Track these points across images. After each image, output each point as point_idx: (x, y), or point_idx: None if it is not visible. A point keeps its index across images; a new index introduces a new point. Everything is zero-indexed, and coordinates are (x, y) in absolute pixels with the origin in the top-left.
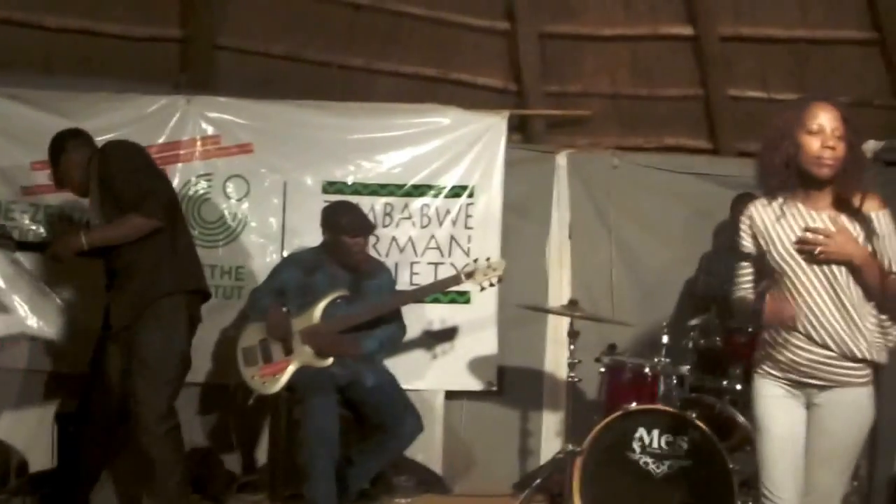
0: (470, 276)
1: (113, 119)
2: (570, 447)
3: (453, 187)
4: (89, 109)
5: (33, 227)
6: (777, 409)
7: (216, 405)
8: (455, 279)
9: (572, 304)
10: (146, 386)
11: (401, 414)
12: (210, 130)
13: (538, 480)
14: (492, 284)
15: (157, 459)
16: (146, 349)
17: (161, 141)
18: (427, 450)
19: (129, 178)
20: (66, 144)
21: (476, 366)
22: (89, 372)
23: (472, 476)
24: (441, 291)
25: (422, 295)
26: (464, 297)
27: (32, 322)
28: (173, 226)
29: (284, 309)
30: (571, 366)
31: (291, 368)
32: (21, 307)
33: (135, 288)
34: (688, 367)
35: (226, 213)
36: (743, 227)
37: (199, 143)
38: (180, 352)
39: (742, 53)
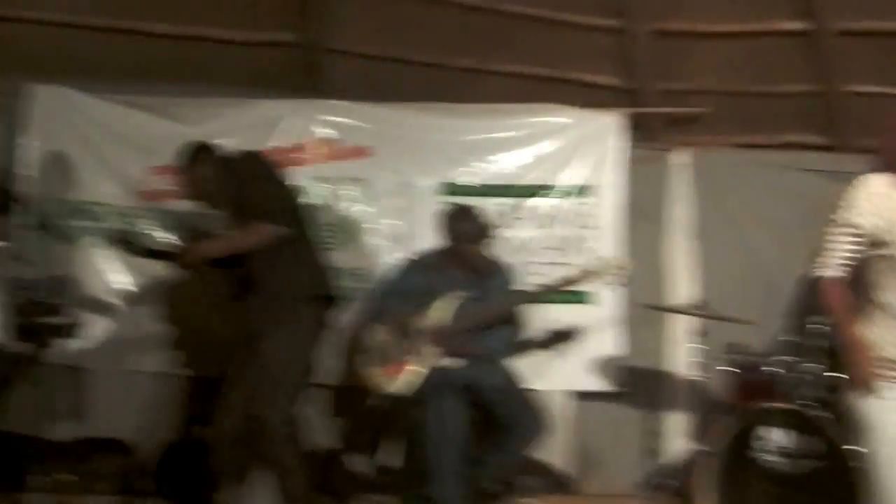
0: (596, 274)
1: (229, 124)
2: (698, 447)
3: (569, 187)
4: (205, 114)
5: (151, 232)
6: (890, 411)
7: (342, 406)
8: (580, 277)
9: (700, 303)
10: (270, 390)
11: (523, 414)
12: (327, 134)
13: (663, 480)
14: (618, 283)
15: (278, 462)
16: (272, 354)
17: (278, 145)
18: (551, 450)
19: (257, 187)
20: (196, 157)
21: (599, 366)
22: (218, 376)
23: (597, 476)
24: (565, 290)
25: (545, 294)
26: (587, 297)
27: (150, 327)
28: (299, 233)
29: (406, 310)
30: (698, 365)
31: (417, 368)
32: (142, 309)
33: (263, 295)
34: (818, 366)
35: (345, 215)
36: (861, 199)
37: (316, 146)
38: (305, 357)
39: (859, 48)
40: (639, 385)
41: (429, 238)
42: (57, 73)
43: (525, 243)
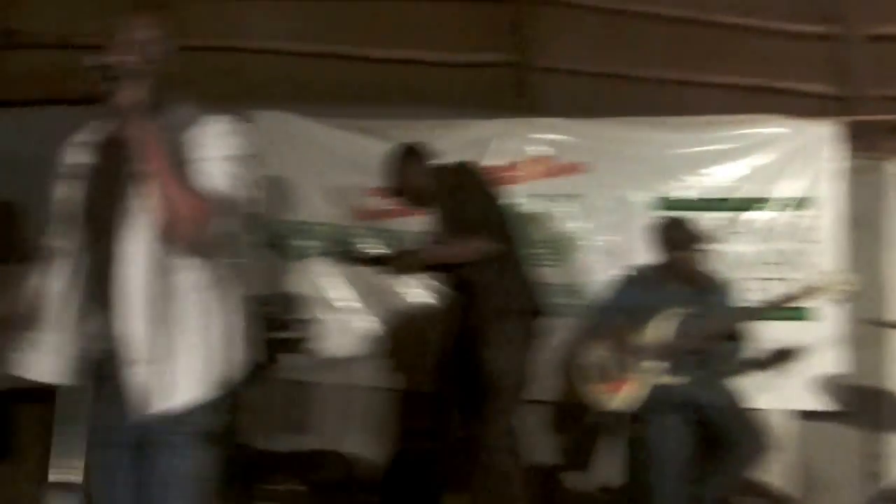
0: (820, 290)
1: (444, 145)
2: None
3: (786, 199)
4: (422, 136)
5: (371, 252)
6: None
7: (560, 423)
8: (804, 293)
9: None
10: (492, 403)
11: (745, 433)
12: (543, 151)
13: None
14: (843, 300)
15: (498, 475)
16: (492, 367)
17: (494, 163)
18: (773, 470)
19: (473, 201)
20: (409, 158)
21: (821, 384)
22: (436, 390)
23: (818, 498)
24: (788, 306)
25: (767, 310)
26: (808, 314)
27: (372, 340)
28: (511, 247)
29: (626, 326)
30: None
31: (637, 385)
32: (365, 326)
33: (478, 307)
34: None
35: (561, 231)
36: None
37: (531, 164)
38: (523, 369)
39: None
40: (861, 405)
41: (644, 253)
42: (279, 99)
43: (742, 258)
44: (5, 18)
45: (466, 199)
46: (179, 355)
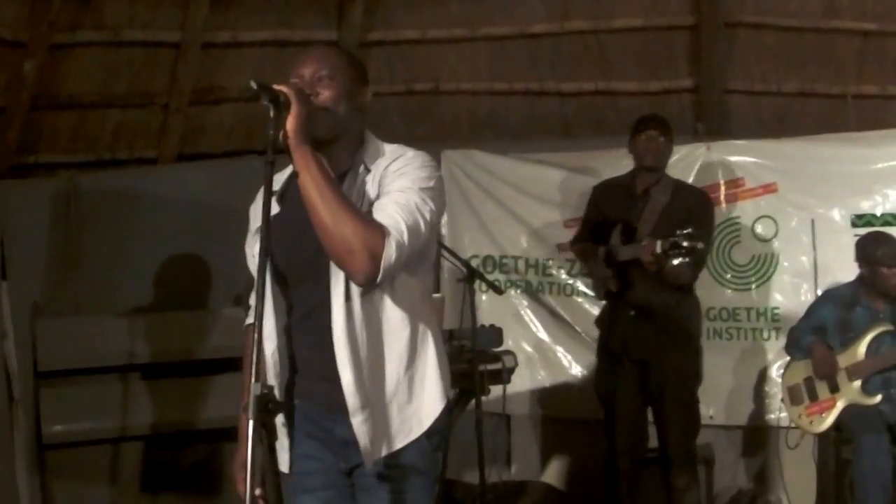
0: None
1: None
2: None
3: None
4: (612, 166)
5: (570, 282)
6: None
7: (759, 447)
8: None
9: None
10: (681, 419)
11: None
12: (733, 174)
13: None
14: None
15: (683, 493)
16: (678, 381)
17: None
18: None
19: (706, 230)
20: (668, 128)
21: None
22: (609, 412)
23: None
24: None
25: None
26: None
27: (576, 371)
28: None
29: (828, 346)
30: None
31: (839, 406)
32: (564, 357)
33: (661, 322)
34: None
35: (756, 254)
36: None
37: (723, 187)
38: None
39: None
40: None
41: (843, 272)
42: (469, 137)
43: None
44: (205, 76)
45: (704, 230)
46: (393, 398)
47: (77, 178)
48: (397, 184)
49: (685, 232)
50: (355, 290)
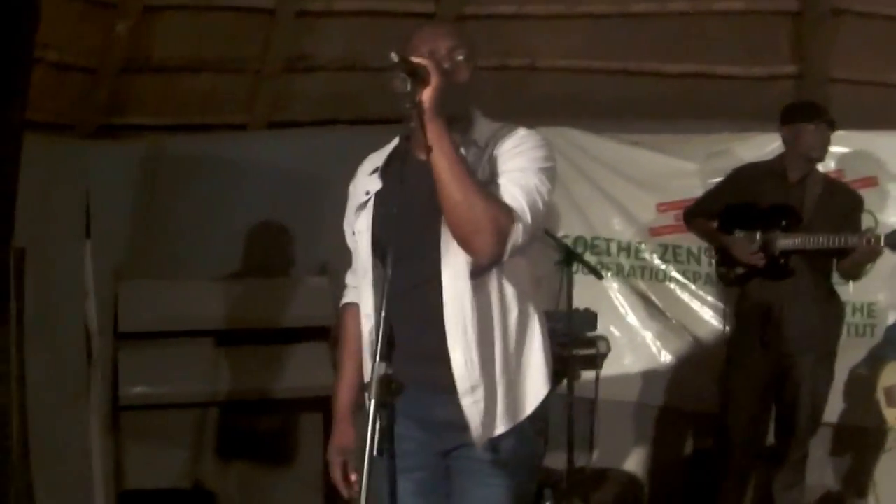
0: None
1: (734, 159)
2: None
3: None
4: (709, 150)
5: (662, 267)
6: None
7: (850, 447)
8: None
9: None
10: (808, 418)
11: None
12: (833, 165)
13: None
14: None
15: (789, 490)
16: (817, 382)
17: None
18: None
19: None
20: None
21: None
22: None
23: None
24: None
25: None
26: None
27: (665, 358)
28: None
29: None
30: None
31: None
32: (653, 344)
33: (815, 318)
34: None
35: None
36: None
37: None
38: None
39: None
40: None
41: None
42: (562, 116)
43: None
44: (298, 44)
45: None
46: (501, 379)
47: (165, 142)
48: (514, 163)
49: None
50: (467, 269)
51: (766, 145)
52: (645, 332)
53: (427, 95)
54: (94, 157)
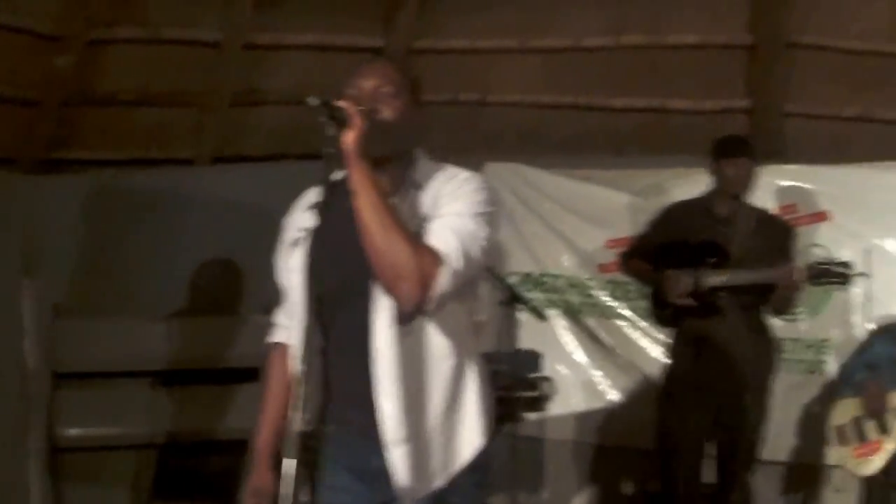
0: None
1: (684, 193)
2: None
3: None
4: (661, 186)
5: (612, 304)
6: None
7: (802, 485)
8: None
9: None
10: (748, 458)
11: None
12: (784, 200)
13: None
14: None
15: None
16: (753, 420)
17: None
18: None
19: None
20: (748, 150)
21: None
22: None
23: None
24: None
25: None
26: None
27: (614, 397)
28: None
29: (879, 383)
30: None
31: (889, 449)
32: (602, 382)
33: (746, 355)
34: None
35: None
36: None
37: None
38: None
39: None
40: None
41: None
42: (513, 150)
43: None
44: (246, 77)
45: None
46: (435, 431)
47: (110, 177)
48: (452, 206)
49: (839, 260)
50: (400, 315)
51: None
52: (594, 370)
53: (349, 138)
54: (38, 193)
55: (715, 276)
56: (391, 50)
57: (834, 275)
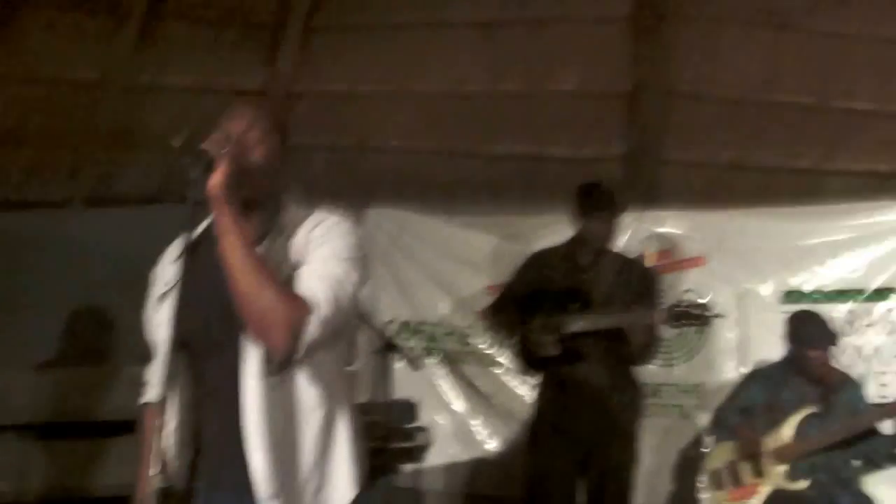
0: None
1: (551, 240)
2: None
3: None
4: (538, 232)
5: (489, 352)
6: None
7: None
8: None
9: None
10: (621, 496)
11: None
12: (661, 245)
13: None
14: None
15: None
16: (621, 466)
17: None
18: None
19: (655, 304)
20: (616, 206)
21: None
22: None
23: None
24: None
25: None
26: None
27: (492, 446)
28: None
29: (752, 427)
30: None
31: (763, 492)
32: (481, 432)
33: (610, 401)
34: None
35: (681, 329)
36: None
37: (651, 258)
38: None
39: None
40: None
41: (770, 350)
42: (394, 195)
43: (874, 351)
44: (124, 118)
45: (654, 304)
46: (306, 484)
47: None
48: (319, 252)
49: (700, 302)
50: (269, 367)
51: None
52: (471, 419)
53: (214, 182)
54: None
55: (577, 322)
56: (271, 92)
57: (693, 316)
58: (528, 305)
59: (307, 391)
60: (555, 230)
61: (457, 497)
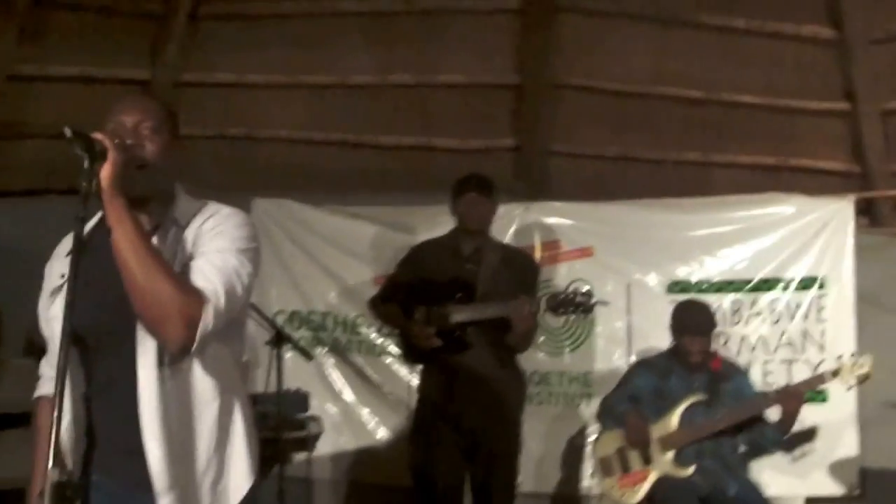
0: (836, 374)
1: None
2: None
3: (802, 279)
4: (428, 223)
5: (379, 341)
6: None
7: None
8: (820, 379)
9: None
10: (504, 491)
11: None
12: (549, 236)
13: None
14: (859, 382)
15: None
16: (505, 453)
17: None
18: None
19: (535, 292)
20: (493, 192)
21: (836, 469)
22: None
23: None
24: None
25: (784, 398)
26: (820, 396)
27: (382, 435)
28: None
29: (639, 415)
30: None
31: (652, 478)
32: (371, 420)
33: (493, 389)
34: None
35: (571, 318)
36: None
37: (539, 249)
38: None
39: None
40: (878, 489)
41: (657, 339)
42: (285, 186)
43: (758, 341)
44: (8, 109)
45: (534, 292)
46: (203, 475)
47: None
48: (214, 244)
49: (583, 290)
50: (164, 358)
51: None
52: (361, 408)
53: (105, 173)
54: None
55: (459, 312)
56: (158, 83)
57: (574, 304)
58: (413, 296)
59: (203, 382)
60: (442, 221)
61: (347, 486)
